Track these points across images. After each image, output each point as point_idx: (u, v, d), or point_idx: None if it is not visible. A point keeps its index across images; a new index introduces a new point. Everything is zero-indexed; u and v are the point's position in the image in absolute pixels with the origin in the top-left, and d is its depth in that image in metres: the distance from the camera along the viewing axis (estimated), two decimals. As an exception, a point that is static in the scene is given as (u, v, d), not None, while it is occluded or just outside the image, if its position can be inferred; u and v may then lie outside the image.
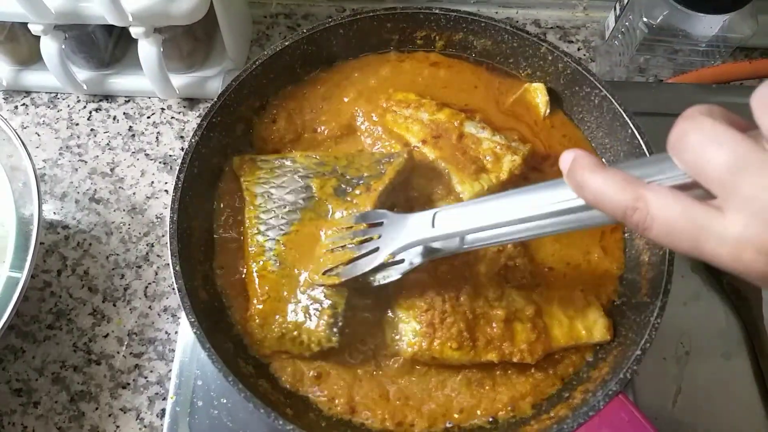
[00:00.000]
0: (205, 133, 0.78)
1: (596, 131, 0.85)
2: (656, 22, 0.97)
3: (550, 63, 0.86)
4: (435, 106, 0.84)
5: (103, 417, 0.86)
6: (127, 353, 0.90)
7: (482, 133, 0.82)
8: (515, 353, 0.71)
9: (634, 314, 0.74)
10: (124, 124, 1.08)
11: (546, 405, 0.72)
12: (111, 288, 0.94)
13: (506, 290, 0.74)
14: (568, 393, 0.72)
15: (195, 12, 0.91)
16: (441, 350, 0.70)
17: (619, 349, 0.72)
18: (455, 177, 0.80)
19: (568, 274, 0.79)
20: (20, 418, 0.86)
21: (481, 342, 0.71)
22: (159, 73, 0.98)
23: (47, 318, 0.92)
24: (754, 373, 0.84)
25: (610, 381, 0.67)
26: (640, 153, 0.78)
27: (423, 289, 0.73)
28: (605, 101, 0.82)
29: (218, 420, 0.76)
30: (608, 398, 0.66)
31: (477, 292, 0.73)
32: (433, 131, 0.82)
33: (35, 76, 1.09)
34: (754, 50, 1.13)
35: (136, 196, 1.02)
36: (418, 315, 0.71)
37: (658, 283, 0.72)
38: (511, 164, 0.80)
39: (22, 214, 0.84)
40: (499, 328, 0.71)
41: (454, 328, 0.70)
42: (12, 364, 0.89)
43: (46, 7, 0.91)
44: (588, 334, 0.74)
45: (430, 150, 0.81)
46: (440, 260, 0.72)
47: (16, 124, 1.08)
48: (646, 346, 0.68)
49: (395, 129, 0.84)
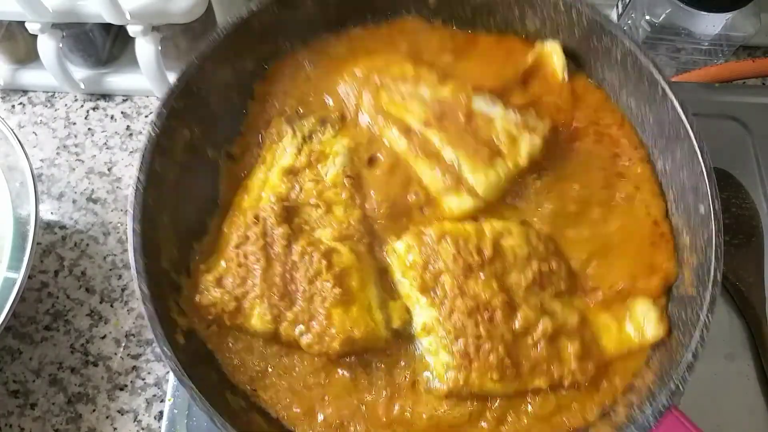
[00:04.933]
0: (166, 123, 0.66)
1: (620, 92, 0.74)
2: (659, 21, 0.97)
3: (562, 14, 0.73)
4: (436, 78, 0.72)
5: (100, 419, 0.85)
6: (125, 355, 0.89)
7: (494, 109, 0.70)
8: (566, 375, 0.61)
9: (679, 310, 0.63)
10: (122, 123, 1.07)
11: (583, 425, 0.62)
12: (108, 289, 0.93)
13: (545, 300, 0.64)
14: (610, 407, 0.62)
15: (193, 10, 0.90)
16: (481, 383, 0.60)
17: (664, 353, 0.62)
18: (466, 165, 0.68)
19: (607, 270, 0.68)
20: (17, 420, 0.85)
21: (525, 367, 0.61)
22: (157, 71, 0.97)
23: (44, 319, 0.91)
24: (758, 374, 0.83)
25: (658, 393, 0.56)
26: (673, 117, 0.67)
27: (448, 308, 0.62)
28: (629, 56, 0.69)
29: (216, 422, 0.75)
30: (659, 415, 0.55)
31: (512, 309, 0.62)
32: (437, 111, 0.70)
33: (32, 75, 1.08)
34: (757, 49, 1.12)
35: (134, 196, 1.01)
36: (448, 344, 0.61)
37: (706, 271, 0.60)
38: (531, 147, 0.68)
39: (19, 214, 0.83)
40: (544, 347, 0.61)
41: (493, 356, 0.60)
42: (9, 365, 0.88)
43: (44, 6, 0.90)
44: (640, 335, 0.63)
45: (435, 133, 0.69)
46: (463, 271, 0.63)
47: (13, 123, 1.07)
48: (698, 350, 0.57)
49: (392, 111, 0.72)
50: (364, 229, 0.69)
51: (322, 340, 0.63)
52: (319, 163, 0.72)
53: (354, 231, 0.69)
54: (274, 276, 0.65)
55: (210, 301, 0.65)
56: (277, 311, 0.64)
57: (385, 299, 0.67)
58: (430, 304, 0.64)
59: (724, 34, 0.98)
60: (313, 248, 0.66)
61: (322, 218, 0.69)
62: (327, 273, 0.64)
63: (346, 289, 0.64)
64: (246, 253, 0.66)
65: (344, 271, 0.65)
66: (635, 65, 0.69)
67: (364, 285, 0.66)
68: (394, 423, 0.64)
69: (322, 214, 0.69)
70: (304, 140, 0.73)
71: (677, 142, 0.68)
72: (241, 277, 0.65)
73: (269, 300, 0.64)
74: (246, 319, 0.65)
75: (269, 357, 0.67)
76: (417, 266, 0.65)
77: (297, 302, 0.64)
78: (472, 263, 0.64)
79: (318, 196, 0.70)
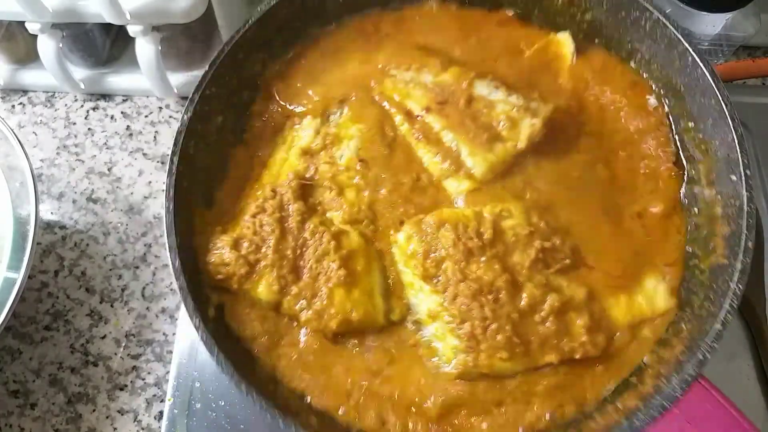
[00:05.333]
0: (198, 108, 0.70)
1: (650, 63, 0.75)
2: (659, 21, 0.97)
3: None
4: (440, 65, 0.74)
5: (100, 419, 0.85)
6: (125, 355, 0.89)
7: (495, 94, 0.71)
8: (577, 349, 0.61)
9: (709, 280, 0.63)
10: (122, 123, 1.07)
11: (611, 395, 0.62)
12: (108, 289, 0.93)
13: (549, 277, 0.64)
14: (637, 378, 0.62)
15: (193, 10, 0.90)
16: (490, 364, 0.60)
17: (694, 323, 0.62)
18: (465, 148, 0.69)
19: (614, 243, 0.68)
20: (17, 420, 0.85)
21: (534, 344, 0.61)
22: (157, 71, 0.97)
23: (44, 319, 0.91)
24: (758, 374, 0.83)
25: (686, 363, 0.57)
26: (704, 84, 0.68)
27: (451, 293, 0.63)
28: (658, 26, 0.71)
29: (216, 422, 0.76)
30: (686, 385, 0.55)
31: (517, 288, 0.63)
32: (438, 96, 0.72)
33: (32, 75, 1.08)
34: (757, 49, 1.12)
35: (134, 196, 1.01)
36: (454, 328, 0.62)
37: (737, 239, 0.61)
38: (531, 129, 0.69)
39: (19, 214, 0.83)
40: (552, 323, 0.61)
41: (501, 336, 0.60)
42: (9, 365, 0.88)
43: (44, 6, 0.90)
44: (650, 306, 0.64)
45: (436, 119, 0.71)
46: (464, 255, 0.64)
47: (14, 123, 1.07)
48: (727, 319, 0.57)
49: (395, 96, 0.74)
50: (373, 215, 0.71)
51: (321, 318, 0.65)
52: (333, 146, 0.74)
53: (363, 216, 0.71)
54: (287, 249, 0.67)
55: (221, 261, 0.67)
56: (284, 283, 0.66)
57: (387, 289, 0.69)
58: (434, 291, 0.65)
59: (724, 34, 0.98)
60: (324, 228, 0.68)
61: (334, 200, 0.71)
62: (334, 254, 0.66)
63: (350, 272, 0.66)
64: (262, 223, 0.68)
65: (351, 253, 0.67)
66: (664, 35, 0.71)
67: (369, 270, 0.68)
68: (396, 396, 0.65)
69: (335, 196, 0.71)
70: (322, 123, 0.76)
71: (709, 111, 0.68)
72: (256, 244, 0.67)
73: (279, 271, 0.66)
74: (253, 286, 0.67)
75: (281, 328, 0.68)
76: (418, 255, 0.66)
77: (303, 278, 0.66)
78: (473, 247, 0.64)
79: (331, 178, 0.72)
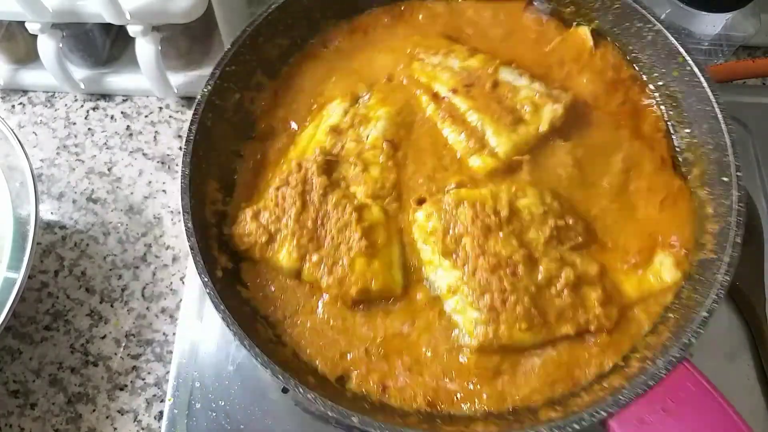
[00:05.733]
0: (218, 83, 0.74)
1: (650, 72, 0.79)
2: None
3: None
4: (466, 51, 0.77)
5: (100, 419, 0.85)
6: (125, 355, 0.89)
7: (520, 80, 0.75)
8: (591, 320, 0.64)
9: (698, 272, 0.68)
10: (122, 123, 1.07)
11: (597, 376, 0.66)
12: (108, 289, 0.93)
13: (564, 253, 0.67)
14: (624, 362, 0.66)
15: (193, 10, 0.90)
16: (510, 335, 0.63)
17: (682, 312, 0.66)
18: (490, 128, 0.73)
19: (622, 225, 0.72)
20: (17, 420, 0.85)
21: (551, 316, 0.64)
22: (157, 71, 0.97)
23: (44, 319, 0.91)
24: (758, 374, 0.83)
25: (672, 347, 0.60)
26: (701, 93, 0.73)
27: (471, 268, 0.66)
28: (659, 36, 0.75)
29: (216, 422, 0.76)
30: (671, 366, 0.58)
31: (533, 262, 0.66)
32: (465, 79, 0.75)
33: (32, 75, 1.08)
34: (757, 49, 1.12)
35: (134, 196, 1.01)
36: (474, 300, 0.65)
37: (725, 236, 0.65)
38: (553, 114, 0.72)
39: (19, 214, 0.83)
40: (568, 296, 0.64)
41: (519, 307, 0.63)
42: (9, 365, 0.88)
43: (44, 6, 0.90)
44: (658, 279, 0.68)
45: (462, 100, 0.75)
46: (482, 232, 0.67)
47: (14, 123, 1.07)
48: (713, 307, 0.61)
49: (422, 78, 0.78)
50: (396, 194, 0.74)
51: (342, 285, 0.68)
52: (361, 125, 0.77)
53: (386, 193, 0.74)
54: (307, 219, 0.70)
55: (244, 231, 0.71)
56: (304, 251, 0.70)
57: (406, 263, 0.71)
58: (453, 266, 0.68)
59: (724, 34, 0.98)
60: (347, 201, 0.71)
61: (358, 176, 0.74)
62: (356, 225, 0.69)
63: (371, 243, 0.69)
64: (284, 195, 0.72)
65: (372, 226, 0.71)
66: (665, 46, 0.75)
67: (389, 243, 0.71)
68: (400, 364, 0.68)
69: (359, 172, 0.74)
70: (351, 104, 0.79)
71: (704, 117, 0.73)
72: (276, 215, 0.71)
73: (298, 240, 0.70)
74: (274, 254, 0.70)
75: (300, 297, 0.71)
76: (438, 232, 0.69)
77: (324, 247, 0.70)
78: (491, 224, 0.67)
79: (357, 155, 0.75)
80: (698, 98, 0.73)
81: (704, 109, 0.73)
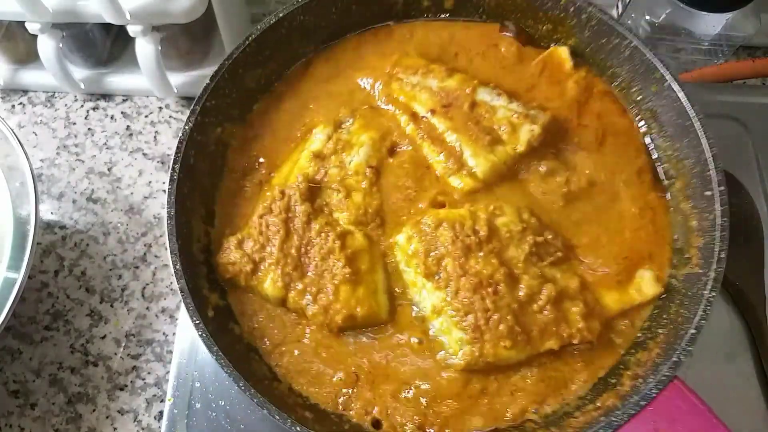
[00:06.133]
0: (199, 119, 0.74)
1: (629, 87, 0.79)
2: (659, 21, 0.97)
3: (571, 15, 0.79)
4: (445, 71, 0.78)
5: (100, 419, 0.85)
6: (125, 355, 0.89)
7: (497, 100, 0.76)
8: (575, 335, 0.65)
9: (685, 287, 0.68)
10: (122, 123, 1.07)
11: (591, 394, 0.66)
12: (108, 289, 0.93)
13: (544, 269, 0.68)
14: (616, 379, 0.66)
15: (193, 10, 0.90)
16: (495, 353, 0.63)
17: (670, 328, 0.66)
18: (468, 149, 0.74)
19: (602, 241, 0.73)
20: (17, 420, 0.85)
21: (535, 332, 0.65)
22: (157, 71, 0.97)
23: (44, 319, 0.91)
24: (758, 375, 0.83)
25: (662, 365, 0.61)
26: (680, 108, 0.73)
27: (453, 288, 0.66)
28: (637, 52, 0.75)
29: (216, 422, 0.76)
30: (662, 385, 0.59)
31: (514, 280, 0.67)
32: (443, 99, 0.76)
33: (32, 75, 1.08)
34: (757, 49, 1.12)
35: (134, 196, 1.01)
36: (458, 321, 0.65)
37: (710, 251, 0.66)
38: (530, 135, 0.73)
39: (19, 214, 0.83)
40: (550, 311, 0.65)
41: (503, 326, 0.63)
42: (9, 365, 0.88)
43: (44, 6, 0.90)
44: (639, 293, 0.68)
45: (441, 120, 0.75)
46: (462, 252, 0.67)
47: (14, 123, 1.07)
48: (701, 324, 0.62)
49: (401, 98, 0.79)
50: (380, 220, 0.75)
51: (327, 313, 0.68)
52: (344, 151, 0.77)
53: (370, 219, 0.74)
54: (291, 247, 0.70)
55: (229, 260, 0.71)
56: (288, 279, 0.70)
57: (391, 288, 0.72)
58: (436, 288, 0.68)
59: (724, 34, 0.98)
60: (330, 228, 0.71)
61: (341, 202, 0.74)
62: (340, 253, 0.70)
63: (355, 270, 0.69)
64: (268, 223, 0.72)
65: (356, 253, 0.71)
66: (643, 61, 0.74)
67: (373, 269, 0.72)
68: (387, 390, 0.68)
69: (342, 198, 0.74)
70: (334, 129, 0.79)
71: (684, 132, 0.73)
72: (261, 243, 0.71)
73: (283, 268, 0.70)
74: (259, 282, 0.71)
75: (288, 326, 0.72)
76: (419, 254, 0.69)
77: (308, 274, 0.70)
78: (470, 243, 0.68)
79: (340, 181, 0.75)
80: (677, 113, 0.74)
81: (684, 124, 0.73)
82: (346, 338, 0.70)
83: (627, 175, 0.76)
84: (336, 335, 0.70)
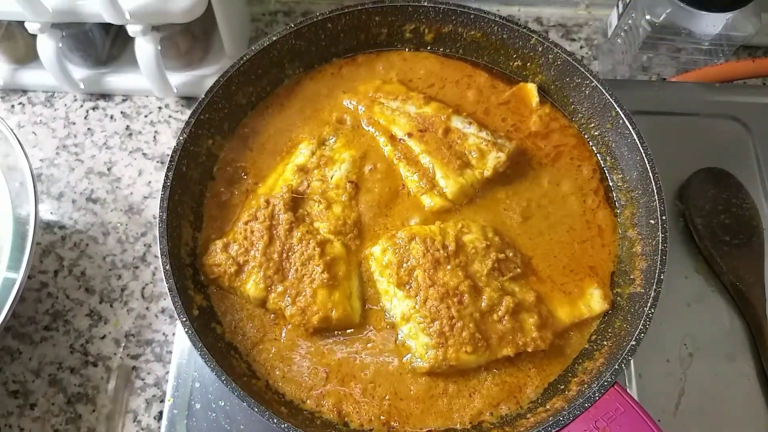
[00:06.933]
0: (193, 131, 0.79)
1: (588, 123, 0.86)
2: (659, 20, 0.97)
3: (540, 54, 0.86)
4: (422, 99, 0.85)
5: (100, 419, 0.85)
6: (124, 355, 0.89)
7: (468, 128, 0.83)
8: (529, 343, 0.72)
9: (628, 305, 0.75)
10: (122, 123, 1.07)
11: (542, 398, 0.73)
12: (108, 289, 0.93)
13: (504, 284, 0.75)
14: (564, 385, 0.73)
15: (193, 10, 0.90)
16: (457, 357, 0.70)
17: (614, 341, 0.73)
18: (440, 171, 0.81)
19: (558, 260, 0.79)
20: (17, 420, 0.85)
21: (494, 339, 0.71)
22: (156, 71, 0.97)
23: (44, 319, 0.91)
24: (758, 374, 0.83)
25: (605, 372, 0.68)
26: (632, 144, 0.79)
27: (422, 297, 0.73)
28: (596, 92, 0.82)
29: (216, 422, 0.76)
30: (603, 389, 0.66)
31: (477, 291, 0.73)
32: (420, 124, 0.83)
33: (32, 75, 1.08)
34: (757, 49, 1.12)
35: (134, 196, 1.01)
36: (425, 327, 0.71)
37: (652, 273, 0.73)
38: (496, 161, 0.81)
39: (19, 214, 0.83)
40: (509, 321, 0.72)
41: (466, 332, 0.70)
42: (8, 365, 0.88)
43: (44, 6, 0.90)
44: (588, 308, 0.76)
45: (416, 143, 0.82)
46: (432, 265, 0.73)
47: (13, 123, 1.07)
48: (640, 337, 0.68)
49: (381, 121, 0.85)
50: (357, 231, 0.80)
51: (304, 314, 0.73)
52: (327, 166, 0.83)
53: (348, 229, 0.80)
54: (273, 252, 0.76)
55: (215, 262, 0.76)
56: (270, 282, 0.75)
57: (364, 294, 0.78)
58: (406, 296, 0.74)
59: (724, 34, 0.98)
60: (311, 236, 0.77)
61: (322, 213, 0.80)
62: (319, 259, 0.75)
63: (332, 276, 0.75)
64: (253, 229, 0.77)
65: (334, 260, 0.76)
66: (601, 99, 0.82)
67: (349, 276, 0.77)
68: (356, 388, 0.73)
69: (323, 209, 0.80)
70: (318, 146, 0.84)
71: (634, 165, 0.80)
72: (245, 247, 0.76)
73: (265, 271, 0.75)
74: (243, 283, 0.76)
75: (266, 325, 0.77)
76: (392, 265, 0.76)
77: (288, 278, 0.75)
78: (440, 257, 0.74)
79: (322, 193, 0.81)
80: (629, 148, 0.80)
81: (634, 158, 0.79)
82: (320, 339, 0.75)
83: (580, 192, 0.84)
84: (311, 336, 0.75)
